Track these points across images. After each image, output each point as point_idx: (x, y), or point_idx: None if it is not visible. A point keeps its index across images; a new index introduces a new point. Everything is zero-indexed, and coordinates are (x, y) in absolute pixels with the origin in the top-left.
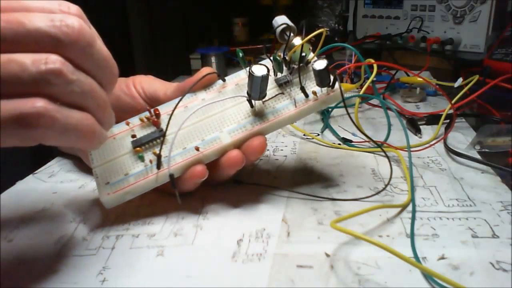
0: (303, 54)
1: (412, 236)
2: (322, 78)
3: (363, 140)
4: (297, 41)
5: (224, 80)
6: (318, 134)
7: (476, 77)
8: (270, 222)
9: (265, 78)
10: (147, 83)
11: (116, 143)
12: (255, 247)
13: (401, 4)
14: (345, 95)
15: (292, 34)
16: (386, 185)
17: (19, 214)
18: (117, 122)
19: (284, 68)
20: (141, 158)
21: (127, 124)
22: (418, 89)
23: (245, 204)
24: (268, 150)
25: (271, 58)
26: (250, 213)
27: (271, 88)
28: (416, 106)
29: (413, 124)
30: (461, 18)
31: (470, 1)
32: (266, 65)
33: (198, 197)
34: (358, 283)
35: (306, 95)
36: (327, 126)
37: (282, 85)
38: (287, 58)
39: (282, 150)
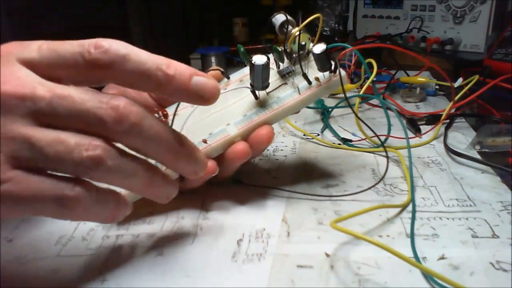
0: (303, 43)
1: (412, 236)
2: (322, 61)
3: (362, 138)
4: (294, 31)
5: (228, 78)
6: (318, 134)
7: (476, 77)
8: (270, 222)
9: (266, 66)
10: None
11: None
12: (255, 247)
13: (401, 4)
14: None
15: (290, 27)
16: (381, 178)
17: None
18: None
19: (286, 60)
20: None
21: None
22: (418, 89)
23: (245, 204)
24: (268, 150)
25: (272, 48)
26: (250, 213)
27: (274, 80)
28: (416, 106)
29: (413, 124)
30: (461, 18)
31: (470, 1)
32: (267, 55)
33: (198, 197)
34: (358, 283)
35: (309, 82)
36: (327, 126)
37: (285, 75)
38: (287, 49)
39: (282, 150)
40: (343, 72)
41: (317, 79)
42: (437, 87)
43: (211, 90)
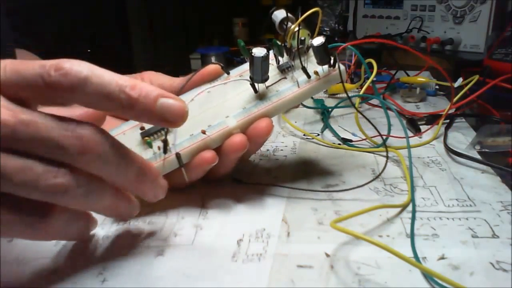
0: (302, 38)
1: (412, 236)
2: (321, 54)
3: (363, 139)
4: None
5: (228, 73)
6: (318, 134)
7: (476, 77)
8: (270, 222)
9: (265, 58)
10: (155, 77)
11: (125, 137)
12: (255, 247)
13: (401, 4)
14: (345, 95)
15: (290, 23)
16: (379, 174)
17: None
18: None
19: (286, 56)
20: (149, 144)
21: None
22: (418, 89)
23: (245, 204)
24: (268, 150)
25: (272, 42)
26: (250, 213)
27: (274, 75)
28: (416, 106)
29: (413, 124)
30: (461, 18)
31: (470, 1)
32: (267, 48)
33: (198, 197)
34: (358, 283)
35: (308, 76)
36: (327, 126)
37: (285, 70)
38: (287, 45)
39: (282, 150)
40: (342, 67)
41: (316, 73)
42: (437, 87)
43: (178, 112)
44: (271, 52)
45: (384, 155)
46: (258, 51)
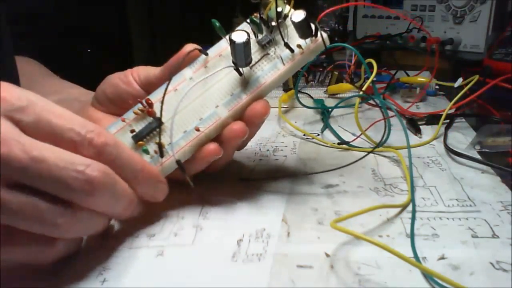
0: (279, 9)
1: (412, 236)
2: (302, 29)
3: (358, 136)
4: None
5: (206, 54)
6: (318, 134)
7: (476, 77)
8: (270, 222)
9: (247, 44)
10: (143, 70)
11: None
12: (255, 247)
13: (401, 4)
14: (345, 95)
15: None
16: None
17: None
18: (119, 111)
19: (264, 28)
20: (146, 151)
21: (123, 120)
22: (418, 89)
23: (245, 204)
24: (268, 150)
25: (248, 20)
26: (250, 213)
27: (255, 51)
28: (416, 106)
29: (413, 124)
30: (461, 18)
31: (470, 1)
32: (245, 29)
33: (198, 197)
34: (358, 283)
35: (292, 50)
36: (327, 126)
37: (266, 45)
38: (263, 17)
39: (282, 150)
40: (324, 34)
41: (299, 46)
42: (437, 87)
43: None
44: (249, 28)
45: (384, 155)
46: (239, 36)
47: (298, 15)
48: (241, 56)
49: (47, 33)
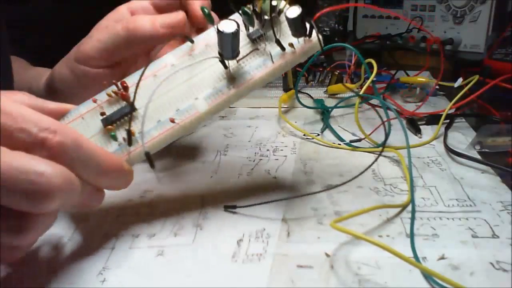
0: (274, 3)
1: (412, 236)
2: (296, 27)
3: (361, 138)
4: None
5: (192, 42)
6: (318, 134)
7: (476, 77)
8: (270, 222)
9: (235, 35)
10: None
11: (84, 123)
12: (255, 247)
13: (401, 4)
14: (345, 95)
15: None
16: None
17: None
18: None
19: (256, 21)
20: (114, 137)
21: (94, 101)
22: (418, 89)
23: (245, 204)
24: (268, 150)
25: (240, 11)
26: (250, 213)
27: (244, 45)
28: (416, 106)
29: (413, 124)
30: (461, 18)
31: (470, 1)
32: (236, 20)
33: (198, 197)
34: (358, 283)
35: (283, 49)
36: (327, 126)
37: (256, 40)
38: (257, 9)
39: (282, 150)
40: (320, 36)
41: (291, 45)
42: (437, 87)
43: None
44: (239, 19)
45: (384, 155)
46: (227, 26)
47: (293, 11)
48: (227, 47)
49: (46, 34)
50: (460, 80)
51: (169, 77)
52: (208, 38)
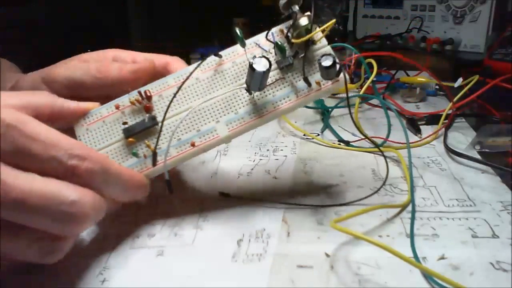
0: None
1: (412, 236)
2: (328, 74)
3: (361, 138)
4: (303, 20)
5: (220, 57)
6: (318, 134)
7: (476, 77)
8: (270, 222)
9: (266, 73)
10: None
11: (105, 127)
12: (255, 247)
13: (401, 4)
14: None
15: (297, 7)
16: (383, 183)
17: None
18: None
19: (287, 46)
20: (135, 155)
21: (117, 108)
22: (418, 89)
23: (245, 204)
24: (268, 150)
25: (276, 46)
26: (250, 213)
27: (271, 71)
28: (416, 106)
29: (413, 124)
30: (461, 18)
31: (470, 1)
32: (269, 58)
33: (198, 197)
34: (358, 283)
35: (309, 84)
36: (327, 126)
37: (283, 68)
38: (290, 37)
39: (282, 150)
40: (347, 76)
41: (318, 83)
42: (437, 87)
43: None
44: (270, 46)
45: (384, 155)
46: (259, 64)
47: (327, 60)
48: (256, 83)
49: (46, 34)
50: (460, 80)
51: (193, 93)
52: (235, 54)
